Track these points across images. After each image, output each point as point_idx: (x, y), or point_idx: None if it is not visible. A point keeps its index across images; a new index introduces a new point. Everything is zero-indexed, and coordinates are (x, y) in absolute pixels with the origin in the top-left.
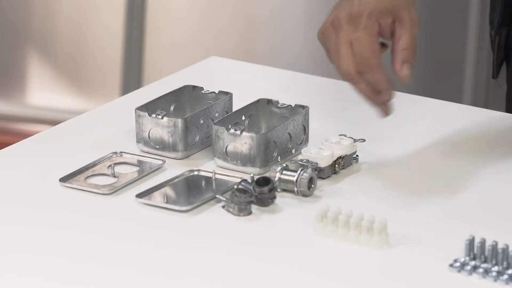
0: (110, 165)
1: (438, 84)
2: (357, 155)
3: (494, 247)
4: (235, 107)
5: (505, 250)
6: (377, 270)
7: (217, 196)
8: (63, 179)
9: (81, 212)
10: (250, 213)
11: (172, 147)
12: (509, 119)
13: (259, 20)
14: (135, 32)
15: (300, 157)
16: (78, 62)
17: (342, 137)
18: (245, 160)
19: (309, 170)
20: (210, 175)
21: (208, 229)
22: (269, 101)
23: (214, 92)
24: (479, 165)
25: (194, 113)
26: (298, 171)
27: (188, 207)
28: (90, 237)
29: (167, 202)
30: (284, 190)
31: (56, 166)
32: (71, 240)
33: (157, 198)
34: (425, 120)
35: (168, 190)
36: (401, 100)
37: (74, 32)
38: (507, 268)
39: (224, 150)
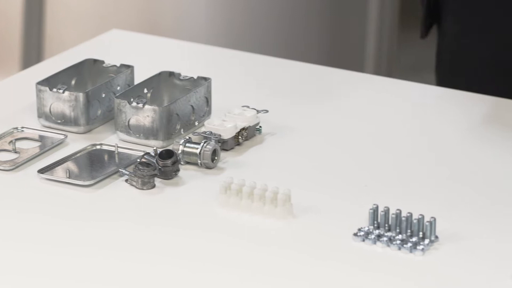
0: (11, 141)
1: (340, 54)
2: (260, 126)
3: (398, 215)
4: (137, 80)
5: (409, 218)
6: (282, 241)
7: (120, 170)
8: None
9: None
10: (153, 186)
11: (74, 122)
12: (403, 87)
13: None
14: (34, 5)
15: (203, 129)
16: None
17: (245, 108)
18: (147, 133)
19: (212, 142)
20: (112, 149)
21: (111, 203)
22: (171, 74)
23: (115, 65)
24: (382, 135)
25: (96, 87)
26: (201, 144)
27: (91, 182)
28: None
29: (69, 177)
30: (188, 163)
31: None
32: None
33: (60, 173)
34: (327, 90)
35: (70, 164)
36: (303, 70)
37: None
38: (411, 236)
39: (127, 124)
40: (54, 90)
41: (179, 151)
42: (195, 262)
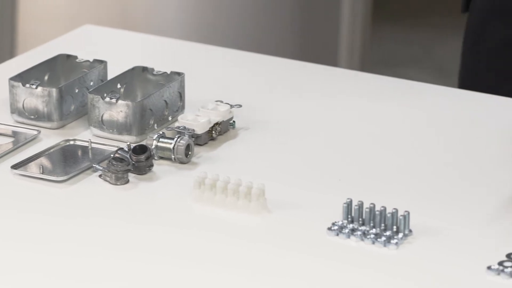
0: None
1: (313, 49)
2: (234, 121)
3: (372, 209)
4: (110, 76)
5: (383, 212)
6: (256, 235)
7: (93, 165)
8: None
9: None
10: (127, 181)
11: (47, 117)
12: (370, 79)
13: None
14: (7, 1)
15: (176, 124)
16: None
17: (218, 103)
18: (121, 128)
19: (186, 137)
20: (86, 144)
21: (85, 199)
22: (144, 69)
23: (88, 60)
24: (355, 129)
25: (69, 82)
26: (175, 138)
27: (65, 177)
28: None
29: (43, 173)
30: (161, 158)
31: None
32: None
33: (33, 168)
34: (300, 85)
35: (44, 160)
36: (276, 65)
37: None
38: (385, 230)
39: (100, 119)
40: (27, 85)
41: (153, 146)
42: (170, 257)
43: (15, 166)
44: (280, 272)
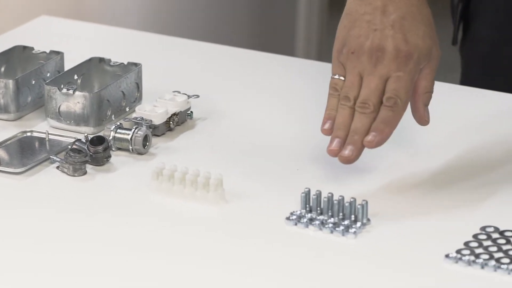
0: None
1: (270, 38)
2: (191, 111)
3: (330, 199)
4: (67, 67)
5: (341, 201)
6: (214, 226)
7: (51, 156)
8: None
9: None
10: (85, 173)
11: (3, 109)
12: None
13: None
14: None
15: (134, 115)
16: None
17: (176, 93)
18: (78, 119)
19: (144, 128)
20: (43, 136)
21: (43, 191)
22: (101, 60)
23: (45, 52)
24: (314, 119)
25: (25, 74)
26: (133, 129)
27: (22, 169)
28: None
29: (0, 165)
30: (119, 149)
31: None
32: None
33: None
34: (258, 74)
35: (0, 152)
36: (233, 55)
37: None
38: (343, 219)
39: (57, 110)
40: None
41: (110, 137)
42: (127, 247)
43: None
44: (239, 261)
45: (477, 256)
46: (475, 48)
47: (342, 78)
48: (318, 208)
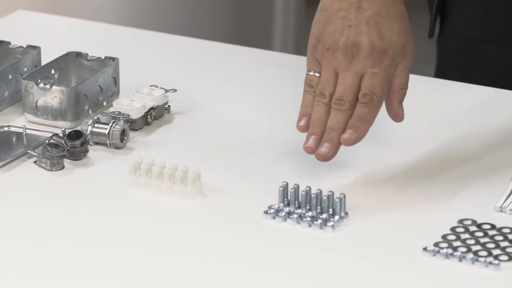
0: None
1: (247, 32)
2: (169, 106)
3: (308, 192)
4: (44, 61)
5: (319, 195)
6: (192, 220)
7: (28, 151)
8: None
9: None
10: (62, 167)
11: None
12: None
13: None
14: None
15: (111, 109)
16: None
17: (153, 88)
18: (56, 114)
19: (121, 122)
20: (20, 130)
21: (20, 185)
22: (78, 54)
23: (22, 46)
24: (291, 112)
25: (2, 68)
26: (110, 124)
27: None
28: None
29: None
30: (97, 143)
31: None
32: None
33: None
34: (235, 69)
35: None
36: (210, 49)
37: None
38: (321, 213)
39: (34, 105)
40: None
41: (88, 132)
42: (105, 242)
43: None
44: (217, 255)
45: (455, 249)
46: (451, 42)
47: (317, 74)
48: (296, 202)
